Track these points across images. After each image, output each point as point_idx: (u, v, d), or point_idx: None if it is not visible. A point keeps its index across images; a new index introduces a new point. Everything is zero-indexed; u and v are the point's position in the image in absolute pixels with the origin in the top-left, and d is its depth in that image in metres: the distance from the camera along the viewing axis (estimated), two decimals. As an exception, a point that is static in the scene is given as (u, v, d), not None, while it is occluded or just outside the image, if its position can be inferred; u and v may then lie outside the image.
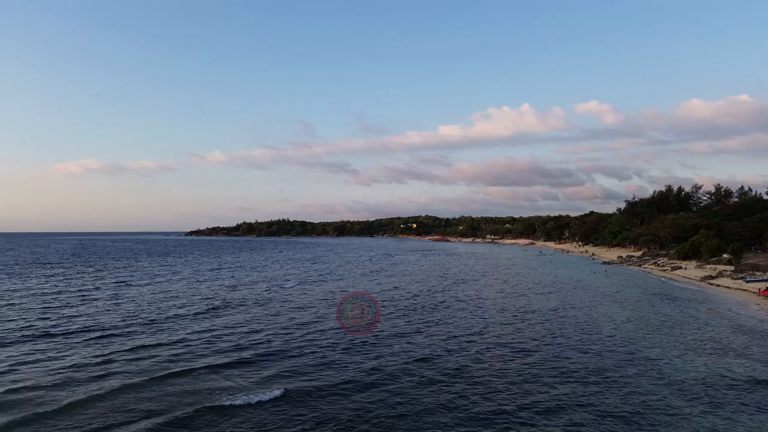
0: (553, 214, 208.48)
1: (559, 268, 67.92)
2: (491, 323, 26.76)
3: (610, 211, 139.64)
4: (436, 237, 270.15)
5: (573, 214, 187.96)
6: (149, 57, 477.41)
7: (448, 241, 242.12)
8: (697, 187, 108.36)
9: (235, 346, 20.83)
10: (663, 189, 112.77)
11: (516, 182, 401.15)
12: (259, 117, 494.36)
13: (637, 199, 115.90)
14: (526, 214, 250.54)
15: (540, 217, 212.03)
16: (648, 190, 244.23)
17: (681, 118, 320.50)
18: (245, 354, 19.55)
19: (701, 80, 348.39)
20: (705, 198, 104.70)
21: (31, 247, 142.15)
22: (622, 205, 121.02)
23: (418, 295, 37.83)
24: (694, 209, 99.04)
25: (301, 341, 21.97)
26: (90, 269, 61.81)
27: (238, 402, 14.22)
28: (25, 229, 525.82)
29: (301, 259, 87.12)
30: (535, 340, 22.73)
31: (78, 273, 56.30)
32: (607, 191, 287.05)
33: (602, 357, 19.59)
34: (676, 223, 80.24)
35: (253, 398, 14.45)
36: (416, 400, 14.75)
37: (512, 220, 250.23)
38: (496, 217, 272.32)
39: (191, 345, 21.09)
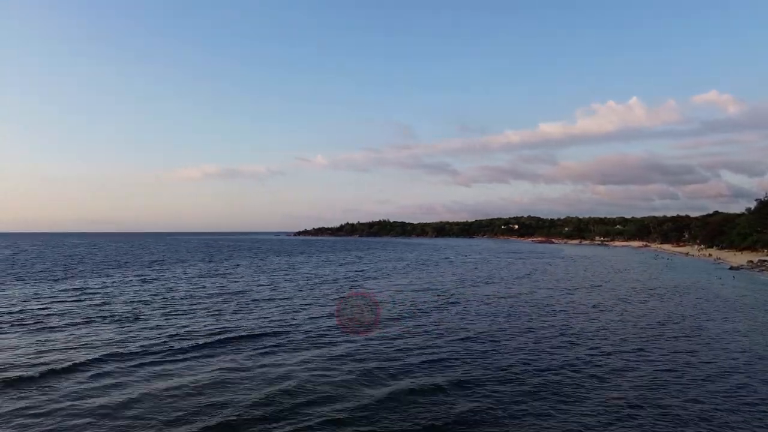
0: (670, 214, 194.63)
1: (680, 273, 64.21)
2: (613, 329, 26.61)
3: (738, 211, 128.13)
4: (539, 239, 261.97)
5: (693, 214, 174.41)
6: (255, 71, 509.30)
7: (553, 242, 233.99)
8: None
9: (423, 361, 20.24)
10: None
11: (629, 180, 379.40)
12: (359, 120, 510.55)
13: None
14: (639, 215, 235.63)
15: (655, 217, 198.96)
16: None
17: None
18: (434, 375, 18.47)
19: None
20: None
21: (168, 245, 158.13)
22: (753, 204, 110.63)
23: (543, 300, 38.21)
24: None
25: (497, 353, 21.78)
26: (248, 268, 68.24)
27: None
28: (152, 229, 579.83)
29: (425, 262, 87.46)
30: (657, 349, 22.37)
31: (244, 271, 62.58)
32: (736, 189, 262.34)
33: (732, 375, 18.65)
34: (819, 225, 72.58)
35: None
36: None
37: (623, 221, 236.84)
38: (606, 218, 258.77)
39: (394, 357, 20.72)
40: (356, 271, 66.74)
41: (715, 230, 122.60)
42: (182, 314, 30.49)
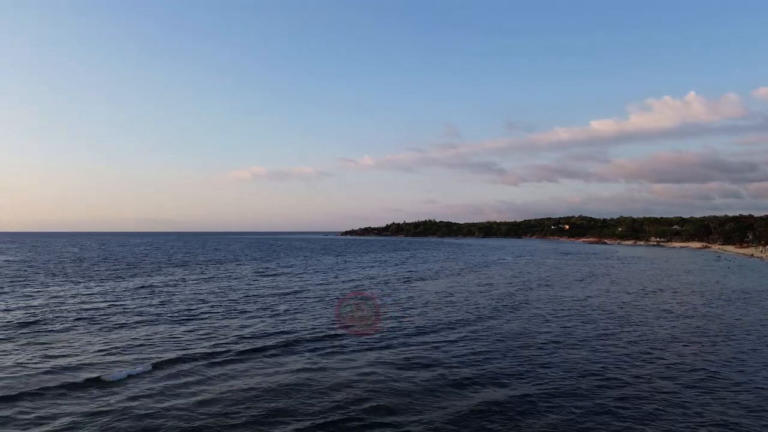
0: (732, 213, 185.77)
1: (747, 277, 61.02)
2: (689, 339, 25.36)
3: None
4: (591, 239, 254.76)
5: (757, 214, 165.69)
6: (305, 79, 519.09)
7: (605, 243, 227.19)
8: None
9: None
10: None
11: (686, 178, 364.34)
12: (404, 121, 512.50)
13: None
14: (698, 214, 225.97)
15: (716, 217, 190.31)
16: None
17: None
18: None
19: None
20: None
21: (223, 244, 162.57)
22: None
23: (607, 305, 37.28)
24: None
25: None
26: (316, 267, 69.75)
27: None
28: (207, 228, 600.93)
29: (478, 263, 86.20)
30: (741, 361, 21.12)
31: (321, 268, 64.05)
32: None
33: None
34: None
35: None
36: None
37: (681, 221, 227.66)
38: (662, 218, 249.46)
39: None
40: (409, 271, 66.88)
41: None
42: (245, 313, 31.39)
